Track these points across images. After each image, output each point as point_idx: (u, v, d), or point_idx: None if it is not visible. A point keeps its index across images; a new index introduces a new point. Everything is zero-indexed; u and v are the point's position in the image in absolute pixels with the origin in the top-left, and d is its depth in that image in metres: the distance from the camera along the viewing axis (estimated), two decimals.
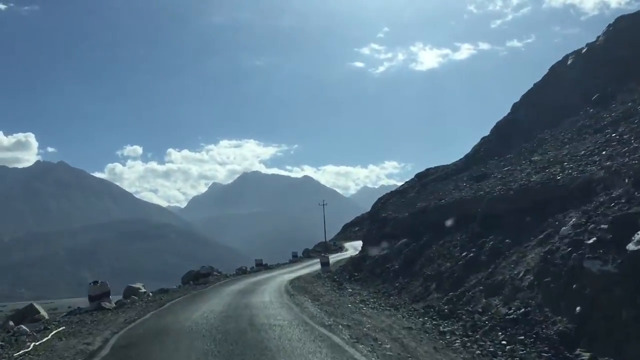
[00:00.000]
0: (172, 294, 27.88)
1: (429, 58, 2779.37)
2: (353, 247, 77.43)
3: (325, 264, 38.29)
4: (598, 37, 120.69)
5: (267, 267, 49.92)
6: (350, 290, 23.09)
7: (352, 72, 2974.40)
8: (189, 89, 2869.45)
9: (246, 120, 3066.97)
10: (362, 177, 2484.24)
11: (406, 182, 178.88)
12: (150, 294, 28.42)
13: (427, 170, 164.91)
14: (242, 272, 44.23)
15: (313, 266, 47.42)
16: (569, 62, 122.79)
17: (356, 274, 27.36)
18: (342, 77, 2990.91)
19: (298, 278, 33.79)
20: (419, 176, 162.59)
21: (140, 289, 28.43)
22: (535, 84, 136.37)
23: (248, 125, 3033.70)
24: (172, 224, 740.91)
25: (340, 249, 78.02)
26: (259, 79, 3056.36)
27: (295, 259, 61.49)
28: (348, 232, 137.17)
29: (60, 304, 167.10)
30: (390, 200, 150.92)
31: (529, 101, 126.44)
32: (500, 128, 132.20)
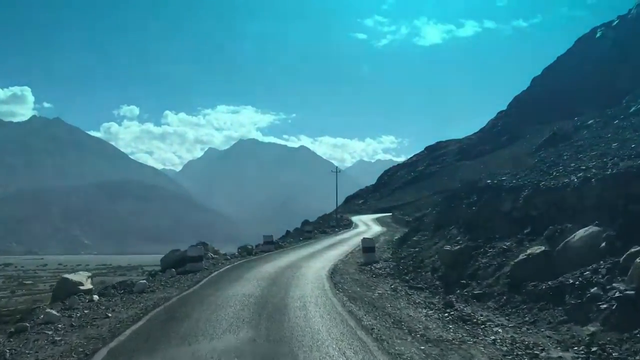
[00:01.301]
0: (133, 301, 15.52)
1: (432, 33, 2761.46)
2: (363, 222, 67.62)
3: (369, 249, 26.28)
4: (630, 9, 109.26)
5: (278, 246, 37.70)
6: (500, 331, 10.90)
7: (355, 43, 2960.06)
8: (188, 51, 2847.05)
9: (245, 86, 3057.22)
10: (358, 151, 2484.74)
11: (414, 155, 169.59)
12: (96, 297, 16.23)
13: (438, 143, 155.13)
14: (248, 253, 32.13)
15: (337, 247, 35.83)
16: (597, 35, 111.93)
17: (463, 281, 15.24)
18: (344, 47, 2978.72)
19: (337, 271, 21.94)
20: (429, 149, 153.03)
21: (81, 285, 16.44)
22: (558, 57, 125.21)
23: (246, 92, 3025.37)
24: (167, 187, 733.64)
25: (350, 224, 66.33)
26: (259, 45, 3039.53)
27: (308, 235, 49.41)
28: (351, 204, 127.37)
29: (50, 260, 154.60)
30: (397, 172, 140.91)
31: (553, 74, 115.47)
32: (521, 101, 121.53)
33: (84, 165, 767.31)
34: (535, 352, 9.17)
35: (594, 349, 8.79)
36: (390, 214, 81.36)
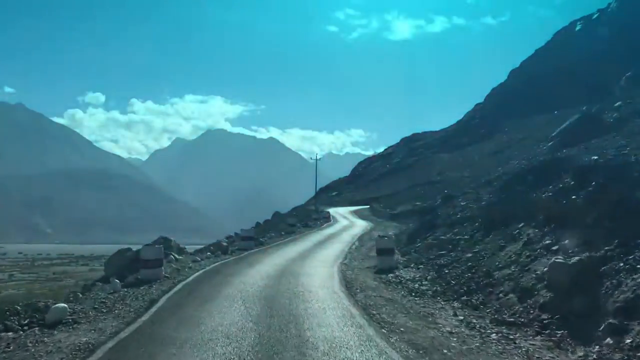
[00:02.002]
0: (24, 353, 8.68)
1: (403, 28, 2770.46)
2: (341, 215, 62.91)
3: (386, 252, 19.74)
4: (609, 3, 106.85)
5: (258, 242, 30.86)
6: None
7: (325, 35, 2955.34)
8: (156, 38, 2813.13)
9: (214, 76, 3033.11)
10: (327, 143, 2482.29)
11: (390, 147, 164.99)
12: None
13: (414, 135, 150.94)
14: (222, 252, 25.30)
15: (328, 245, 29.64)
16: (577, 28, 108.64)
17: (613, 321, 8.74)
18: (315, 39, 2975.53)
19: (353, 283, 15.66)
20: (405, 141, 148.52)
21: None
22: (536, 50, 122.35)
23: (215, 82, 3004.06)
24: (132, 176, 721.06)
25: (329, 217, 60.48)
26: (229, 34, 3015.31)
27: (292, 229, 42.86)
28: (324, 196, 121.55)
29: (10, 249, 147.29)
30: (372, 164, 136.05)
31: (531, 67, 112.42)
32: (498, 94, 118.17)
33: (47, 153, 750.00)
34: None
35: None
36: (368, 206, 76.52)
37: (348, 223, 52.16)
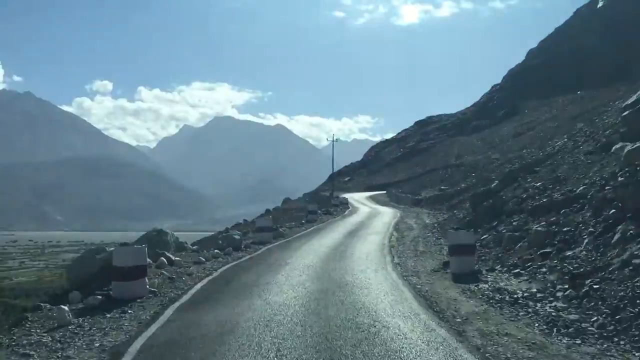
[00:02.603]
0: None
1: (410, 13, 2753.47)
2: (356, 201, 59.55)
3: (465, 250, 14.49)
4: None
5: (277, 234, 26.09)
6: None
7: (332, 21, 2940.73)
8: (163, 26, 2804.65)
9: (221, 63, 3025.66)
10: (334, 130, 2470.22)
11: (403, 130, 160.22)
12: None
13: (429, 118, 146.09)
14: (234, 249, 20.37)
15: (362, 236, 25.16)
16: (599, 5, 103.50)
17: None
18: (322, 25, 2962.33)
19: (441, 306, 10.47)
20: (419, 124, 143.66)
21: None
22: (556, 28, 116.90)
23: (222, 69, 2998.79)
24: (141, 163, 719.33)
25: (347, 203, 55.90)
26: (235, 21, 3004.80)
27: (313, 217, 37.99)
28: (336, 181, 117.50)
29: (21, 237, 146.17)
30: (386, 149, 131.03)
31: (550, 47, 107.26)
32: (515, 75, 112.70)
33: (56, 141, 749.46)
34: None
35: None
36: (385, 191, 73.10)
37: (371, 210, 47.89)
